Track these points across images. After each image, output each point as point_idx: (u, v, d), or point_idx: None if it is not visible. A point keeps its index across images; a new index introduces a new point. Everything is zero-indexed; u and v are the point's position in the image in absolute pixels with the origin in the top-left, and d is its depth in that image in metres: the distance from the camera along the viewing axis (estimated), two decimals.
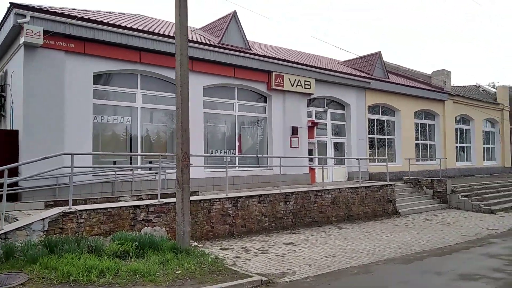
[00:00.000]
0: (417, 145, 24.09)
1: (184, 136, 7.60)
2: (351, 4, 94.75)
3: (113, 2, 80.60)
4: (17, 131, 11.28)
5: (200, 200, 9.64)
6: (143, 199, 10.59)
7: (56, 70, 11.33)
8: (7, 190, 10.20)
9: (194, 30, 17.74)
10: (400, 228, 12.48)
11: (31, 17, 10.63)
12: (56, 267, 5.85)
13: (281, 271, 7.24)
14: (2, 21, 11.60)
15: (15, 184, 10.91)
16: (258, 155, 14.95)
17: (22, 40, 10.57)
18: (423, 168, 23.02)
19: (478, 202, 16.71)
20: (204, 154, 13.79)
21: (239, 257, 8.10)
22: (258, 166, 16.11)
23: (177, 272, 6.27)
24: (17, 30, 10.91)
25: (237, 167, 15.58)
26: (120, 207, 8.28)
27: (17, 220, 8.02)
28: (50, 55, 11.24)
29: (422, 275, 7.25)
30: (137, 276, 5.95)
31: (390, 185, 15.15)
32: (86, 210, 7.79)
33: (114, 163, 13.07)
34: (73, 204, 9.85)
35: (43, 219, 7.19)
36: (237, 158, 15.79)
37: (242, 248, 8.97)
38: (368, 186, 14.33)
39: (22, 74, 10.92)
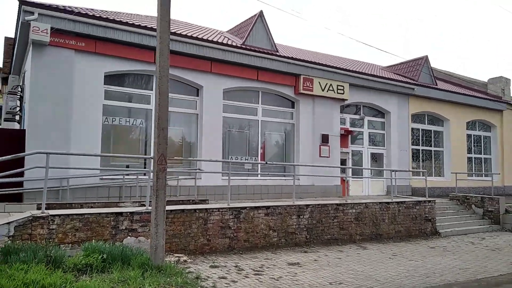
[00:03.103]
0: (469, 158, 21.70)
1: (161, 136, 6.77)
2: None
3: (131, 4, 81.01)
4: (24, 130, 11.09)
5: (195, 210, 8.70)
6: (145, 206, 9.87)
7: (65, 69, 11.04)
8: (7, 190, 10.15)
9: (221, 33, 17.08)
10: (436, 251, 10.78)
11: (39, 14, 10.43)
12: None
13: None
14: (16, 21, 11.55)
15: (21, 184, 10.71)
16: (268, 162, 13.76)
17: (30, 38, 10.38)
18: (476, 184, 20.55)
19: None
20: (199, 159, 12.95)
21: (224, 278, 7.03)
22: (284, 175, 14.96)
23: None
24: (26, 28, 10.74)
25: (259, 175, 14.56)
26: (100, 213, 7.55)
27: None
28: (59, 53, 10.97)
29: None
30: None
31: (429, 201, 13.36)
32: (59, 215, 7.13)
33: (127, 166, 12.60)
34: (69, 207, 9.45)
35: (8, 223, 6.60)
36: (259, 165, 14.78)
37: (236, 266, 7.90)
38: (401, 202, 12.68)
39: (30, 73, 10.73)
